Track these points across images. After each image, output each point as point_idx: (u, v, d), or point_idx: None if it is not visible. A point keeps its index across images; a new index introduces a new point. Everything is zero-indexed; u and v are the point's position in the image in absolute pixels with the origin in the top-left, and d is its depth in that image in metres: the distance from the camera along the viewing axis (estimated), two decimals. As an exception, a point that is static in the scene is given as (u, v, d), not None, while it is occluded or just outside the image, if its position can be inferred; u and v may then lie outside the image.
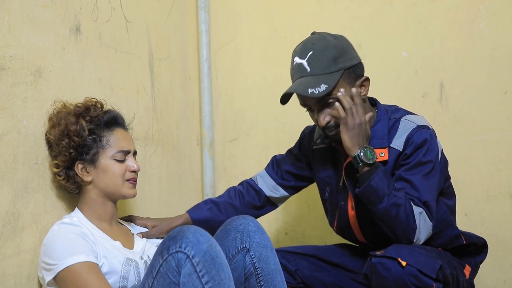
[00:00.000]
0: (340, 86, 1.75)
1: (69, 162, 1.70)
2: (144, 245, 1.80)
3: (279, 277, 1.68)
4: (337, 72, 1.75)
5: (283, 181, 2.06)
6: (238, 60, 2.66)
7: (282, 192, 2.07)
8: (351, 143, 1.73)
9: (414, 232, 1.69)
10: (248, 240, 1.68)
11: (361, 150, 1.72)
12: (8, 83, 1.57)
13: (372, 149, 1.73)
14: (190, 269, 1.49)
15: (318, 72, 1.75)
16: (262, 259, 1.67)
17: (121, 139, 1.75)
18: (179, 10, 2.58)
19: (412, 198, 1.71)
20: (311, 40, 1.80)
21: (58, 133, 1.68)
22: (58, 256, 1.57)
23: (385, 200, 1.68)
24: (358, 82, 1.78)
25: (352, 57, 1.78)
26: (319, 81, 1.74)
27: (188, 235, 1.51)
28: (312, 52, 1.77)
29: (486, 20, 2.24)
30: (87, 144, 1.70)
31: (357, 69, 1.78)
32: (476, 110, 2.27)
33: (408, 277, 1.59)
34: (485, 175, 2.26)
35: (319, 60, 1.75)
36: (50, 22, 1.74)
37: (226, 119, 2.68)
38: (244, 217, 1.74)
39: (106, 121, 1.75)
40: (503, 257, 2.19)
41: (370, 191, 1.71)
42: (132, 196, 1.76)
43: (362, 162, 1.71)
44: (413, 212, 1.69)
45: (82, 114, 1.72)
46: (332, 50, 1.75)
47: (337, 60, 1.75)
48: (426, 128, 1.78)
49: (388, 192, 1.68)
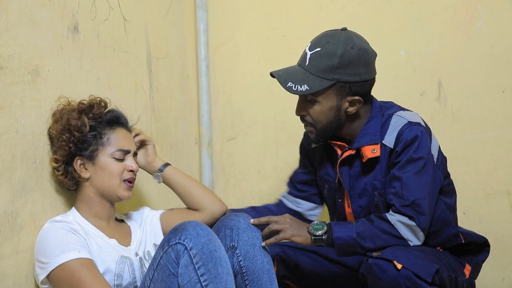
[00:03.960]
0: (326, 94, 1.76)
1: (68, 157, 1.70)
2: (140, 238, 1.80)
3: (266, 277, 1.67)
4: (327, 81, 1.74)
5: (300, 193, 2.05)
6: (236, 59, 2.66)
7: (306, 204, 2.05)
8: (301, 238, 1.74)
9: (404, 239, 1.70)
10: (236, 238, 1.69)
11: (311, 235, 1.73)
12: (6, 82, 1.57)
13: (313, 225, 1.74)
14: (187, 260, 1.51)
15: (312, 71, 1.76)
16: (248, 257, 1.67)
17: (122, 138, 1.76)
18: (177, 9, 2.58)
19: (395, 204, 1.72)
20: (329, 37, 1.77)
21: (59, 128, 1.69)
22: (51, 254, 1.57)
23: (360, 242, 1.70)
24: (349, 98, 1.77)
25: (355, 74, 1.74)
26: (305, 80, 1.75)
27: (189, 228, 1.54)
28: (319, 49, 1.76)
29: (484, 19, 2.25)
30: (87, 140, 1.71)
31: (354, 86, 1.75)
32: (474, 108, 2.27)
33: (403, 280, 1.59)
34: (483, 173, 2.26)
35: (319, 60, 1.75)
36: (48, 21, 1.73)
37: (224, 118, 2.68)
38: (236, 214, 1.74)
39: (109, 119, 1.76)
40: (501, 255, 2.20)
41: (343, 248, 1.72)
42: (127, 198, 1.76)
43: (320, 237, 1.72)
44: (391, 227, 1.70)
45: (85, 111, 1.73)
46: (336, 59, 1.73)
47: (336, 70, 1.73)
48: (418, 124, 1.77)
49: (355, 235, 1.70)
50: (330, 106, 1.78)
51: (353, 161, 1.84)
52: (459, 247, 1.85)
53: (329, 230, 1.73)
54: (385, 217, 1.71)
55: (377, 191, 1.81)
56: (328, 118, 1.79)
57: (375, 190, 1.81)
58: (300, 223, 1.76)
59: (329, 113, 1.79)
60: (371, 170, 1.82)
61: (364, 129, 1.81)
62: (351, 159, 1.84)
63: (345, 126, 1.83)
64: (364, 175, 1.83)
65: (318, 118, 1.80)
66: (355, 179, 1.84)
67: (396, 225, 1.70)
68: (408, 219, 1.70)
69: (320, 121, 1.80)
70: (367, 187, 1.82)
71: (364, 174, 1.83)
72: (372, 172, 1.81)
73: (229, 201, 2.65)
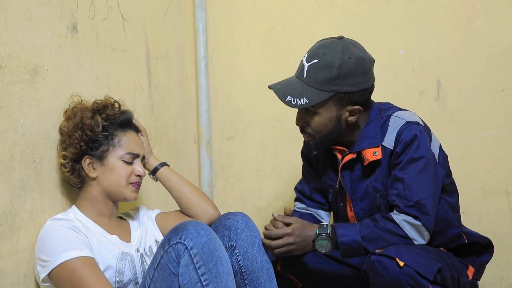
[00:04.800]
0: (326, 106, 1.75)
1: (77, 155, 1.71)
2: (140, 234, 1.80)
3: (265, 276, 1.68)
4: (326, 93, 1.73)
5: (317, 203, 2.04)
6: (235, 58, 2.66)
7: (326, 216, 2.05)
8: (303, 250, 1.76)
9: (409, 238, 1.71)
10: (235, 237, 1.69)
11: (318, 247, 1.73)
12: (5, 82, 1.56)
13: (319, 241, 1.73)
14: (187, 260, 1.52)
15: (310, 83, 1.75)
16: (247, 257, 1.68)
17: (133, 142, 1.77)
18: (176, 8, 2.58)
19: (398, 204, 1.72)
20: (326, 48, 1.76)
21: (72, 125, 1.71)
22: (52, 253, 1.57)
23: (365, 246, 1.70)
24: (349, 108, 1.76)
25: (354, 84, 1.74)
26: (304, 93, 1.74)
27: (189, 227, 1.54)
28: (317, 61, 1.74)
29: (483, 18, 2.25)
30: (99, 140, 1.72)
31: (354, 96, 1.75)
32: (473, 108, 2.27)
33: (405, 277, 1.59)
34: (482, 173, 2.26)
35: (317, 72, 1.74)
36: (47, 21, 1.73)
37: (223, 117, 2.68)
38: (234, 213, 1.75)
39: (121, 121, 1.77)
40: (500, 255, 2.20)
41: (348, 252, 1.73)
42: (133, 199, 1.77)
43: (328, 248, 1.73)
44: (397, 227, 1.70)
45: (99, 111, 1.74)
46: (334, 70, 1.72)
47: (334, 82, 1.73)
48: (416, 124, 1.77)
49: (360, 239, 1.70)
50: (330, 117, 1.78)
51: (354, 164, 1.84)
52: (462, 248, 1.85)
53: (333, 234, 1.73)
54: (390, 217, 1.71)
55: (379, 193, 1.81)
56: (329, 129, 1.79)
57: (376, 192, 1.81)
58: (305, 240, 1.75)
59: (329, 124, 1.78)
60: (372, 173, 1.82)
61: (363, 132, 1.81)
62: (352, 163, 1.84)
63: (345, 135, 1.83)
64: (365, 178, 1.83)
65: (318, 129, 1.80)
66: (356, 183, 1.84)
67: (401, 224, 1.70)
68: (413, 218, 1.70)
69: (320, 131, 1.80)
70: (369, 189, 1.82)
71: (365, 177, 1.83)
72: (373, 175, 1.82)
73: (228, 200, 2.65)
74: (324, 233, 1.73)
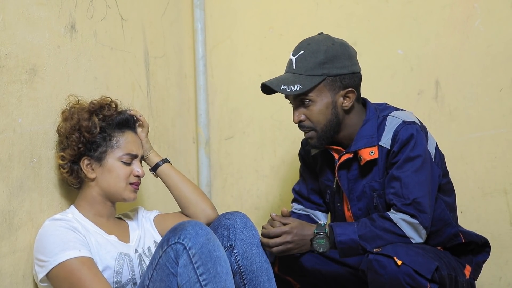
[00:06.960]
0: (319, 90, 1.79)
1: (76, 157, 1.71)
2: (139, 235, 1.80)
3: (265, 276, 1.68)
4: (318, 77, 1.78)
5: (314, 205, 2.05)
6: (234, 58, 2.66)
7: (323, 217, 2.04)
8: (301, 249, 1.76)
9: (407, 237, 1.71)
10: (233, 237, 1.69)
11: (316, 246, 1.73)
12: (3, 82, 1.56)
13: (317, 240, 1.73)
14: (186, 260, 1.52)
15: (301, 71, 1.79)
16: (246, 257, 1.68)
17: (131, 142, 1.77)
18: (175, 8, 2.57)
19: (395, 203, 1.72)
20: (309, 40, 1.84)
21: (69, 127, 1.70)
22: (50, 253, 1.56)
23: (363, 245, 1.71)
24: (342, 92, 1.80)
25: (343, 66, 1.79)
26: (296, 81, 1.78)
27: (188, 227, 1.54)
28: (303, 52, 1.81)
29: (481, 18, 2.25)
30: (97, 141, 1.71)
31: (345, 79, 1.80)
32: (472, 107, 2.27)
33: (403, 276, 1.60)
34: (481, 172, 2.27)
35: (306, 61, 1.79)
36: (45, 20, 1.73)
37: (221, 117, 2.68)
38: (232, 213, 1.75)
39: (119, 122, 1.76)
40: (498, 254, 2.20)
41: (345, 251, 1.73)
42: (132, 200, 1.77)
43: (325, 247, 1.73)
44: (394, 225, 1.71)
45: (96, 112, 1.74)
46: (321, 55, 1.78)
47: (323, 65, 1.78)
48: (412, 123, 1.79)
49: (358, 238, 1.71)
50: (326, 103, 1.80)
51: (351, 164, 1.84)
52: (459, 247, 1.86)
53: (331, 233, 1.73)
54: (387, 216, 1.72)
55: (376, 193, 1.81)
56: (327, 117, 1.81)
57: (373, 191, 1.82)
58: (303, 239, 1.75)
59: (326, 111, 1.80)
60: (368, 172, 1.83)
61: (360, 132, 1.82)
62: (349, 163, 1.84)
63: (343, 127, 1.84)
64: (362, 178, 1.84)
65: (317, 119, 1.81)
66: (354, 182, 1.85)
67: (398, 223, 1.71)
68: (411, 217, 1.71)
69: (319, 121, 1.81)
70: (366, 189, 1.83)
71: (362, 176, 1.84)
72: (370, 174, 1.82)
73: (226, 200, 2.65)
74: (322, 232, 1.73)
